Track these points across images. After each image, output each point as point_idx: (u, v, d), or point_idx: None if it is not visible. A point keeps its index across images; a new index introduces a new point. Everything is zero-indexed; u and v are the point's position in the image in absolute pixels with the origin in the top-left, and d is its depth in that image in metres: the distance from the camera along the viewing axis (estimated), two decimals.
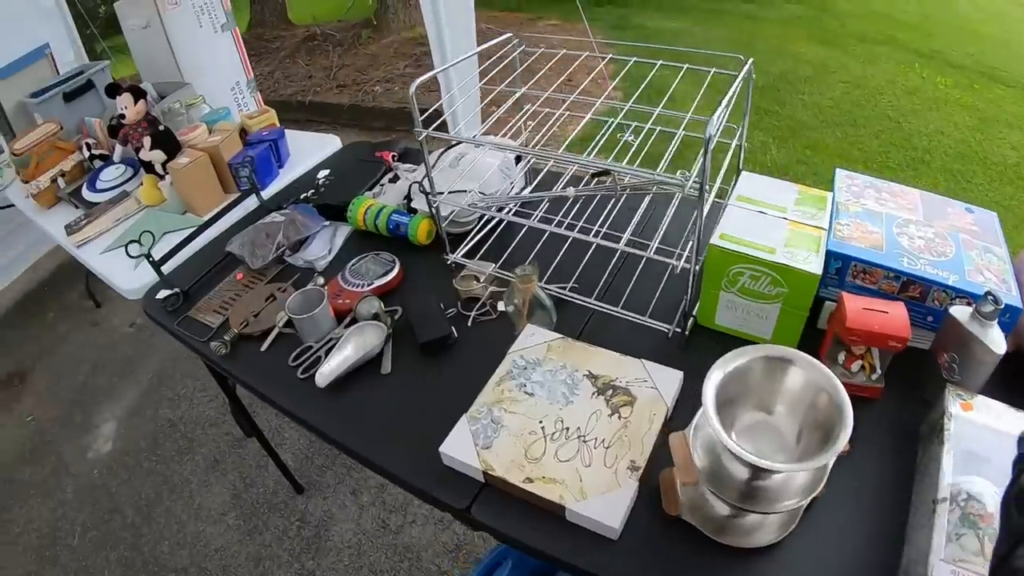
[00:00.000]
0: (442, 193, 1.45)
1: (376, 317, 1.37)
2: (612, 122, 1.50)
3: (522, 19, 7.02)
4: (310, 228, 1.67)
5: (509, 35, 1.51)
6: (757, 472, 0.86)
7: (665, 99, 1.35)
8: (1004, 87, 5.14)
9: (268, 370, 1.36)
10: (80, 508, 2.48)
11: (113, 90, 2.19)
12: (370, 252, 1.57)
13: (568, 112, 1.51)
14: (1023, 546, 0.52)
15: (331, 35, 6.80)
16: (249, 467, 2.44)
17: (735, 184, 1.33)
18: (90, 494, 2.53)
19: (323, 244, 1.65)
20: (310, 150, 2.22)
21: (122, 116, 2.17)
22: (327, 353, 1.33)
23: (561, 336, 1.24)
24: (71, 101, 2.74)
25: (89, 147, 2.49)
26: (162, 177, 2.15)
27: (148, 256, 1.63)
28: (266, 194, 1.97)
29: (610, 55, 1.64)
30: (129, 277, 1.83)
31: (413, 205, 1.66)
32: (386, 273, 1.48)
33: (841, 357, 1.10)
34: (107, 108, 2.80)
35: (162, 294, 1.65)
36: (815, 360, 0.90)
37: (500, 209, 1.50)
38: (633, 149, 1.37)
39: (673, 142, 1.26)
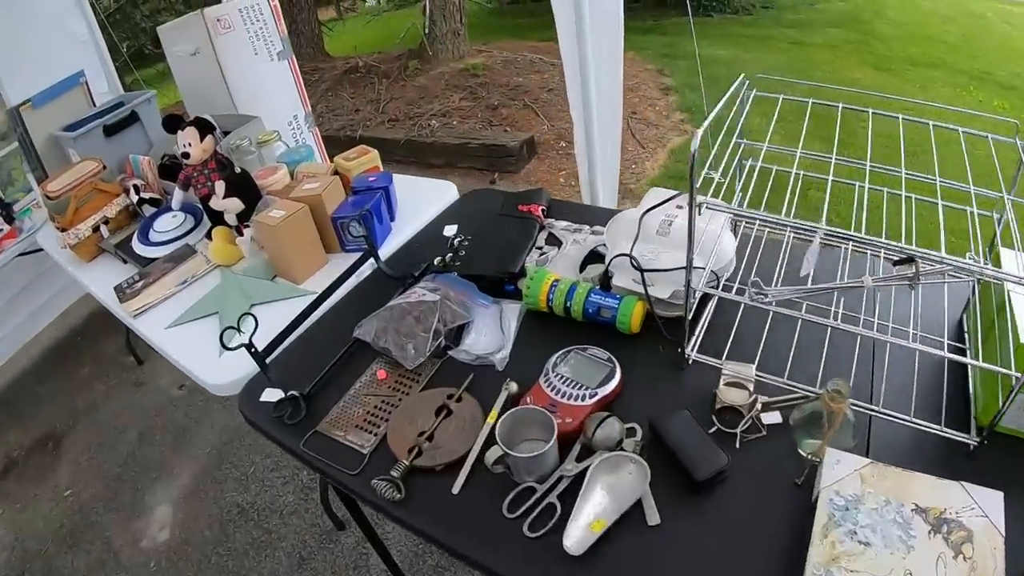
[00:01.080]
0: (701, 269, 1.03)
1: (619, 444, 0.94)
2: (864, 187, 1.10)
3: None
4: (471, 309, 1.23)
5: (743, 76, 1.11)
6: None
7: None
8: None
9: (470, 522, 0.93)
10: None
11: (173, 123, 1.76)
12: (572, 347, 1.14)
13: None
14: None
15: (375, 67, 6.31)
16: (345, 567, 1.98)
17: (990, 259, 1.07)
18: None
19: (491, 332, 1.22)
20: (421, 199, 1.77)
21: (185, 155, 1.73)
22: (562, 500, 0.89)
23: (870, 461, 0.91)
24: (112, 136, 2.30)
25: (137, 189, 2.05)
26: (239, 231, 1.71)
27: (250, 348, 1.19)
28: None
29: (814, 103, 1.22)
30: (214, 366, 1.40)
31: (616, 283, 1.22)
32: (608, 379, 1.05)
33: None
34: (154, 144, 2.36)
35: (270, 395, 1.22)
36: None
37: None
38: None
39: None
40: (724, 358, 1.07)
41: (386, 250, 1.60)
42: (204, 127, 1.75)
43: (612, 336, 1.17)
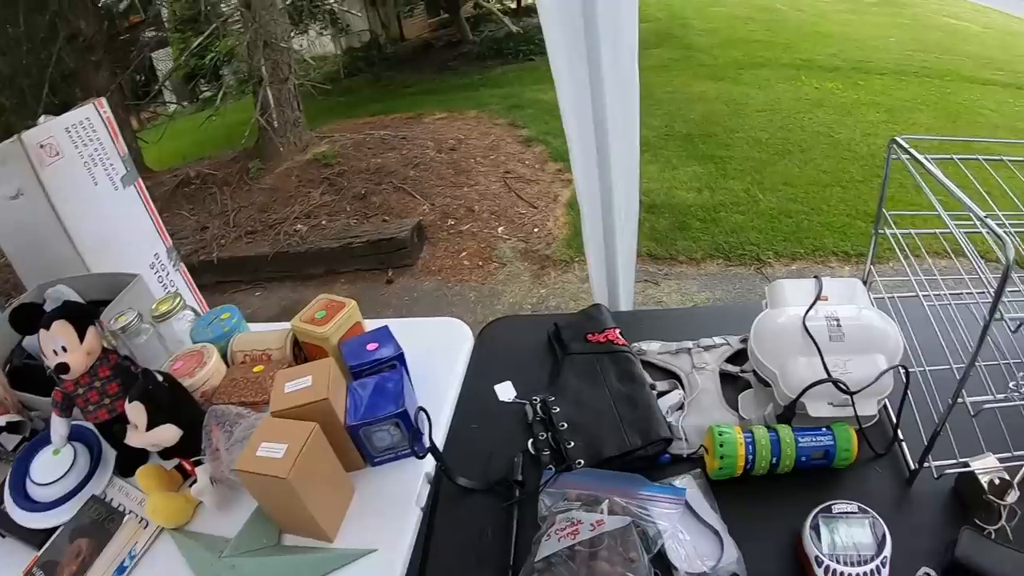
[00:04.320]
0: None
1: None
2: None
3: (403, 119, 6.16)
4: (653, 513, 0.83)
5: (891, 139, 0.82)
6: None
7: None
8: (879, 76, 5.29)
9: None
10: None
11: (27, 318, 1.11)
12: (814, 512, 0.80)
13: None
14: None
15: (210, 175, 5.35)
16: None
17: None
18: None
19: (692, 531, 0.82)
20: (431, 352, 1.21)
21: (61, 368, 1.07)
22: None
23: None
24: None
25: None
26: (179, 466, 1.09)
27: None
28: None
29: None
30: None
31: (813, 414, 0.90)
32: (880, 534, 0.76)
33: None
34: None
35: None
36: None
37: None
38: None
39: None
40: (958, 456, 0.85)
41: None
42: (80, 316, 1.10)
43: (815, 480, 0.89)
